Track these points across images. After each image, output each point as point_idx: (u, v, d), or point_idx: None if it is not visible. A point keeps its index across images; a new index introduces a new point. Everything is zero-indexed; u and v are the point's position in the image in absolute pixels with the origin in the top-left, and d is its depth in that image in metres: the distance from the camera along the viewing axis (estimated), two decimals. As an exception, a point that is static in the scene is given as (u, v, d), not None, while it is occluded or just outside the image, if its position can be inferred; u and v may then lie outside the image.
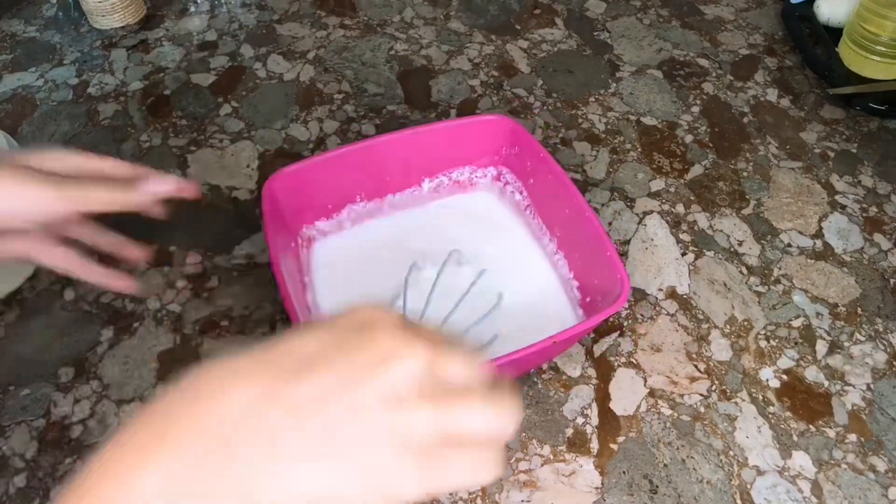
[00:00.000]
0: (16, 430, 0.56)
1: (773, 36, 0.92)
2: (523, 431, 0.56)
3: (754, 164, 0.76)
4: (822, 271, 0.67)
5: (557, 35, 0.91)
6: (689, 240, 0.69)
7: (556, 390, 0.59)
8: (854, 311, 0.64)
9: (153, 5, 0.95)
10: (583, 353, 0.61)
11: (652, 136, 0.79)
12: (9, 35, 0.91)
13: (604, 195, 0.73)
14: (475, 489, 0.53)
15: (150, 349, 0.61)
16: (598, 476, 0.54)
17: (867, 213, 0.72)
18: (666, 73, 0.86)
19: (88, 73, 0.85)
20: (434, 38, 0.90)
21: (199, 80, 0.85)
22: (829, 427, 0.57)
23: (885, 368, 0.60)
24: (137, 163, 0.75)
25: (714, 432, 0.57)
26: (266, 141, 0.78)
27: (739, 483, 0.54)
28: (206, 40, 0.90)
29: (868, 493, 0.54)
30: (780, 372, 0.60)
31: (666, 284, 0.66)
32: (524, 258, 0.65)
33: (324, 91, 0.83)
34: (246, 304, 0.64)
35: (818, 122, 0.81)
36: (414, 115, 0.81)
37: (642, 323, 0.63)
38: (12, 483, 0.53)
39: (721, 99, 0.83)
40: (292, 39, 0.90)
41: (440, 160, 0.68)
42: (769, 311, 0.64)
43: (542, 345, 0.50)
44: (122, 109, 0.81)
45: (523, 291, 0.63)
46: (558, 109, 0.81)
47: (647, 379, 0.59)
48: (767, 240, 0.69)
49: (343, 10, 0.94)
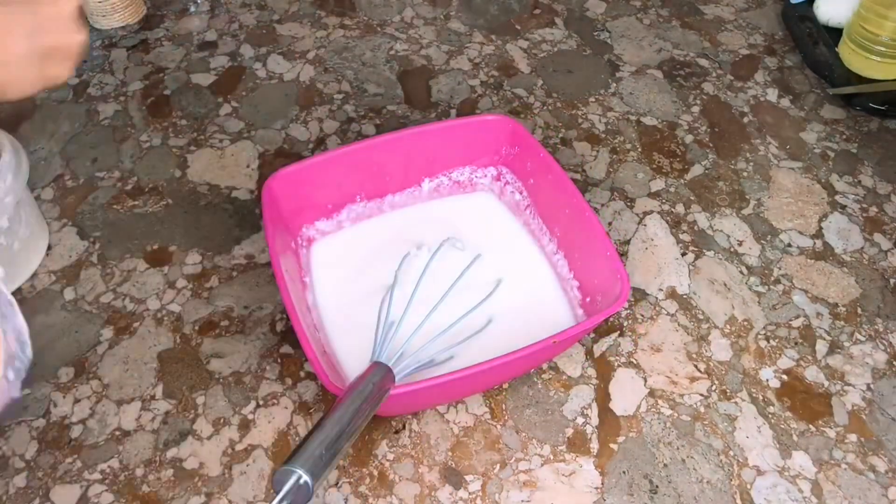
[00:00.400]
0: (16, 430, 0.56)
1: (773, 36, 0.92)
2: (523, 431, 0.56)
3: (754, 164, 0.76)
4: (822, 271, 0.67)
5: (557, 35, 0.91)
6: (689, 240, 0.69)
7: (556, 390, 0.59)
8: (854, 311, 0.64)
9: (153, 5, 0.95)
10: (583, 353, 0.61)
11: (652, 136, 0.79)
12: (9, 35, 0.91)
13: (604, 195, 0.73)
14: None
15: (150, 349, 0.61)
16: (598, 476, 0.54)
17: (867, 213, 0.72)
18: (666, 73, 0.86)
19: (88, 73, 0.85)
20: (434, 38, 0.90)
21: (199, 80, 0.85)
22: (829, 427, 0.57)
23: (885, 368, 0.60)
24: (137, 163, 0.75)
25: (714, 432, 0.57)
26: (266, 141, 0.78)
27: (739, 483, 0.54)
28: (206, 40, 0.90)
29: (868, 493, 0.54)
30: (780, 372, 0.60)
31: (666, 284, 0.66)
32: (524, 258, 0.65)
33: (324, 91, 0.83)
34: (246, 304, 0.64)
35: (818, 122, 0.81)
36: (414, 115, 0.81)
37: (642, 323, 0.63)
38: (12, 483, 0.53)
39: (721, 99, 0.83)
40: (292, 39, 0.90)
41: (440, 160, 0.68)
42: (769, 311, 0.64)
43: (542, 345, 0.50)
44: (122, 109, 0.81)
45: (523, 291, 0.63)
46: (558, 109, 0.81)
47: (647, 379, 0.59)
48: (767, 240, 0.69)
49: (343, 10, 0.94)
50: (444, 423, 0.57)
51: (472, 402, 0.58)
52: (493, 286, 0.62)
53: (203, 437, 0.56)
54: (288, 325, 0.62)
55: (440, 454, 0.55)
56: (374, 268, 0.64)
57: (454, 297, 0.59)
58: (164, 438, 0.56)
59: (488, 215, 0.69)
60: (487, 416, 0.57)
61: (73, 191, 0.73)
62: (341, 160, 0.63)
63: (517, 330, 0.59)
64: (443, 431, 0.56)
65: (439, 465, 0.54)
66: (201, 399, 0.58)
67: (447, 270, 0.61)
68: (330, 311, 0.61)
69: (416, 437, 0.56)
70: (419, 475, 0.54)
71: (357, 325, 0.59)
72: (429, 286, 0.59)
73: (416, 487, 0.53)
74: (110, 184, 0.73)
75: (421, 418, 0.57)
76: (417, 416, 0.57)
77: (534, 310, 0.61)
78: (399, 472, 0.54)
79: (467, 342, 0.57)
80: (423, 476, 0.54)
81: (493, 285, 0.62)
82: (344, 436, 0.42)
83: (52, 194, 0.72)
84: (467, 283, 0.60)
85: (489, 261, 0.63)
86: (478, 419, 0.57)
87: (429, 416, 0.57)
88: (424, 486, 0.53)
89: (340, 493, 0.53)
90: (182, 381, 0.59)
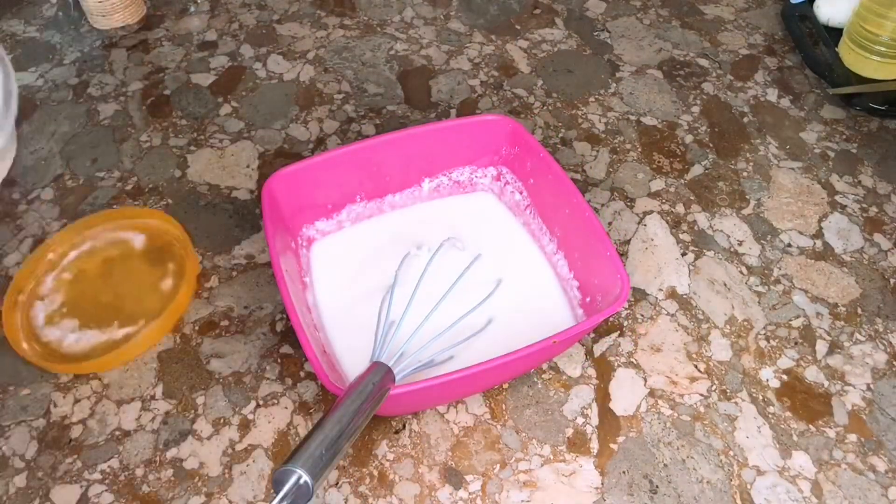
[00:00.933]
0: (16, 430, 0.56)
1: (773, 36, 0.92)
2: (523, 431, 0.56)
3: (754, 164, 0.76)
4: (822, 271, 0.67)
5: (557, 35, 0.91)
6: (689, 240, 0.69)
7: (556, 390, 0.59)
8: (854, 311, 0.64)
9: (153, 5, 0.95)
10: (583, 353, 0.61)
11: (652, 136, 0.79)
12: (9, 35, 0.91)
13: (604, 195, 0.73)
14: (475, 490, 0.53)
15: (149, 349, 0.61)
16: (598, 476, 0.54)
17: (867, 213, 0.72)
18: (666, 73, 0.86)
19: (88, 73, 0.85)
20: (434, 38, 0.90)
21: (199, 80, 0.85)
22: (829, 427, 0.57)
23: (885, 368, 0.60)
24: (137, 162, 0.75)
25: (714, 432, 0.57)
26: (266, 141, 0.78)
27: (739, 483, 0.54)
28: (206, 40, 0.90)
29: (868, 493, 0.54)
30: (780, 372, 0.60)
31: (666, 284, 0.66)
32: (524, 258, 0.65)
33: (324, 91, 0.83)
34: (246, 304, 0.64)
35: (818, 122, 0.81)
36: (414, 115, 0.81)
37: (642, 323, 0.63)
38: (12, 483, 0.53)
39: (721, 99, 0.83)
40: (292, 39, 0.90)
41: (440, 160, 0.68)
42: (769, 311, 0.64)
43: (542, 345, 0.50)
44: (122, 109, 0.81)
45: (523, 291, 0.63)
46: (558, 109, 0.81)
47: (647, 379, 0.59)
48: (767, 240, 0.69)
49: (343, 10, 0.94)
50: (444, 423, 0.57)
51: (472, 402, 0.58)
52: (493, 286, 0.62)
53: (203, 437, 0.56)
54: (288, 325, 0.62)
55: (440, 454, 0.55)
56: (373, 268, 0.64)
57: (454, 298, 0.59)
58: (164, 438, 0.56)
59: (488, 215, 0.69)
60: (487, 416, 0.57)
61: (73, 191, 0.73)
62: (341, 160, 0.63)
63: (517, 330, 0.59)
64: (443, 431, 0.56)
65: (439, 465, 0.54)
66: (201, 399, 0.58)
67: (447, 270, 0.61)
68: (330, 311, 0.61)
69: (416, 437, 0.56)
70: (419, 475, 0.54)
71: (357, 325, 0.59)
72: (429, 286, 0.59)
73: (416, 487, 0.53)
74: (110, 184, 0.73)
75: (421, 418, 0.57)
76: (417, 416, 0.57)
77: (534, 310, 0.61)
78: (399, 472, 0.54)
79: (467, 342, 0.57)
80: (423, 476, 0.54)
81: (493, 285, 0.62)
82: (344, 436, 0.42)
83: (52, 194, 0.72)
84: (467, 283, 0.60)
85: (489, 261, 0.63)
86: (478, 419, 0.57)
87: (429, 416, 0.57)
88: (424, 486, 0.53)
89: (340, 493, 0.53)
90: (182, 381, 0.59)
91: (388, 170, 0.66)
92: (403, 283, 0.60)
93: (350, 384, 0.46)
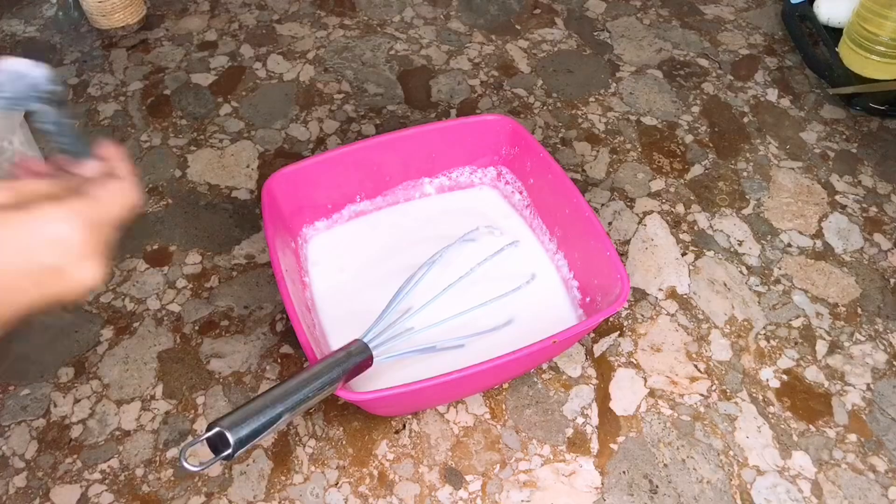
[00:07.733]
0: (16, 430, 0.56)
1: (773, 36, 0.92)
2: (523, 431, 0.56)
3: (754, 164, 0.76)
4: (822, 271, 0.67)
5: (557, 35, 0.91)
6: (689, 240, 0.69)
7: (556, 390, 0.59)
8: (854, 311, 0.64)
9: (153, 5, 0.95)
10: (583, 353, 0.61)
11: (652, 136, 0.79)
12: (9, 35, 0.91)
13: (604, 195, 0.73)
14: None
15: (149, 349, 0.61)
16: (598, 476, 0.54)
17: (867, 213, 0.72)
18: (666, 73, 0.86)
19: (88, 73, 0.85)
20: (434, 38, 0.90)
21: (199, 80, 0.85)
22: (829, 427, 0.57)
23: (885, 368, 0.60)
24: (137, 163, 0.75)
25: (714, 432, 0.57)
26: (266, 141, 0.78)
27: (739, 483, 0.54)
28: (206, 40, 0.90)
29: (868, 493, 0.54)
30: (780, 372, 0.60)
31: (666, 284, 0.66)
32: (524, 258, 0.65)
33: (324, 91, 0.83)
34: (246, 304, 0.64)
35: (818, 122, 0.81)
36: (414, 115, 0.81)
37: (642, 323, 0.63)
38: (12, 483, 0.53)
39: (721, 99, 0.83)
40: (292, 39, 0.90)
41: (440, 160, 0.68)
42: (769, 311, 0.64)
43: (542, 345, 0.50)
44: (122, 109, 0.81)
45: (523, 291, 0.63)
46: (558, 109, 0.81)
47: (647, 379, 0.59)
48: (767, 240, 0.69)
49: (343, 10, 0.94)
50: (444, 423, 0.57)
51: (472, 402, 0.58)
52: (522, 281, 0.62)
53: (203, 437, 0.56)
54: (288, 325, 0.62)
55: (440, 454, 0.55)
56: (373, 268, 0.64)
57: (476, 289, 0.59)
58: (164, 438, 0.56)
59: (488, 215, 0.69)
60: (487, 416, 0.57)
61: (73, 191, 0.73)
62: (341, 160, 0.63)
63: (517, 330, 0.59)
64: (443, 431, 0.56)
65: (439, 465, 0.54)
66: (201, 399, 0.58)
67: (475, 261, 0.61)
68: (330, 310, 0.61)
69: (416, 437, 0.56)
70: (419, 475, 0.54)
71: (357, 325, 0.59)
72: (453, 274, 0.60)
73: (416, 487, 0.53)
74: (110, 184, 0.73)
75: (421, 418, 0.57)
76: (417, 416, 0.57)
77: (534, 310, 0.61)
78: (399, 472, 0.54)
79: (467, 340, 0.57)
80: (423, 476, 0.54)
81: (524, 280, 0.62)
82: (280, 398, 0.44)
83: (52, 194, 0.72)
84: (493, 275, 0.61)
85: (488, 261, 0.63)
86: (478, 419, 0.57)
87: (429, 416, 0.57)
88: (424, 486, 0.53)
89: (340, 494, 0.53)
90: (182, 381, 0.59)
91: (388, 170, 0.66)
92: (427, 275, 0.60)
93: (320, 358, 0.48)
